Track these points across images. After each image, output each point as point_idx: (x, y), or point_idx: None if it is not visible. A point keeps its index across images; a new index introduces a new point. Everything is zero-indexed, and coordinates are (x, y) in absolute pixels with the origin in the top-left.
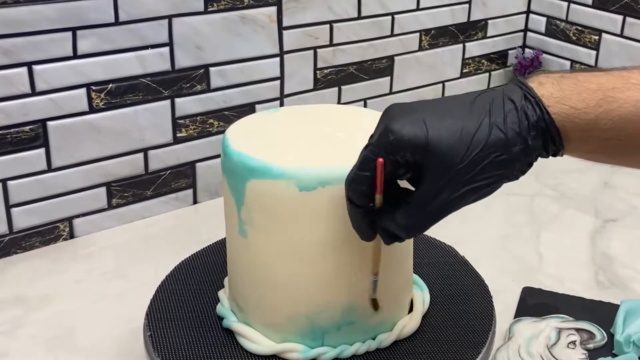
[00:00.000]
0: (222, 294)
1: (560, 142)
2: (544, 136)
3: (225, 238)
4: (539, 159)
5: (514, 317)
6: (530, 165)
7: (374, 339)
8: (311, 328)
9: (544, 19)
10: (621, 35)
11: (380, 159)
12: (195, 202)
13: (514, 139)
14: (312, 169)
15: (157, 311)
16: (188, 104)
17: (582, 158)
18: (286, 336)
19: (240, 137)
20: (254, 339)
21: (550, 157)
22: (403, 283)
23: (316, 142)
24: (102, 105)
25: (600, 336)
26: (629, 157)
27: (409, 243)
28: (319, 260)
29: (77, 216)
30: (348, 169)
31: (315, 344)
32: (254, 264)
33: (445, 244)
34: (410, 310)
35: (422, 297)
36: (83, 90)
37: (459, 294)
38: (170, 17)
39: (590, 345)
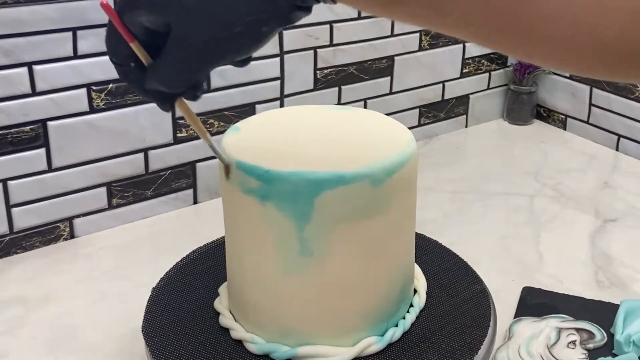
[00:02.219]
0: (219, 305)
1: None
2: None
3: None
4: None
5: (514, 317)
6: (298, 9)
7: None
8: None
9: None
10: None
11: (104, 1)
12: (195, 202)
13: None
14: (381, 162)
15: (157, 311)
16: (188, 104)
17: (357, 8)
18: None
19: (263, 156)
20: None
21: (325, 4)
22: (406, 279)
23: (320, 142)
24: (103, 105)
25: (600, 336)
26: (399, 7)
27: (411, 236)
28: (387, 259)
29: (78, 216)
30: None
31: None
32: (324, 280)
33: (444, 244)
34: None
35: (421, 292)
36: (83, 90)
37: (459, 294)
38: None
39: (590, 345)
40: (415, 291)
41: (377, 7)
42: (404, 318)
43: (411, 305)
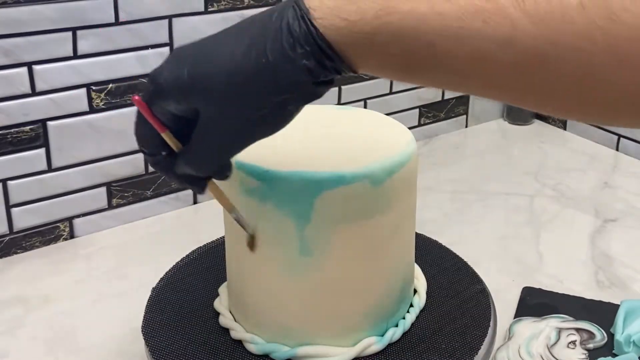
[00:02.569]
0: (219, 305)
1: (339, 58)
2: (316, 53)
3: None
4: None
5: (514, 317)
6: (322, 84)
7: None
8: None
9: None
10: None
11: (136, 96)
12: (195, 202)
13: (280, 61)
14: (381, 162)
15: (156, 311)
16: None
17: (379, 75)
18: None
19: (263, 156)
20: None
21: (350, 74)
22: (406, 279)
23: (320, 142)
24: (102, 105)
25: (600, 336)
26: (423, 75)
27: (411, 236)
28: (387, 259)
29: (77, 216)
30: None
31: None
32: (324, 280)
33: (444, 244)
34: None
35: (421, 292)
36: (83, 90)
37: (459, 294)
38: (170, 17)
39: (590, 345)
40: (415, 291)
41: (399, 74)
42: (404, 318)
43: (411, 305)
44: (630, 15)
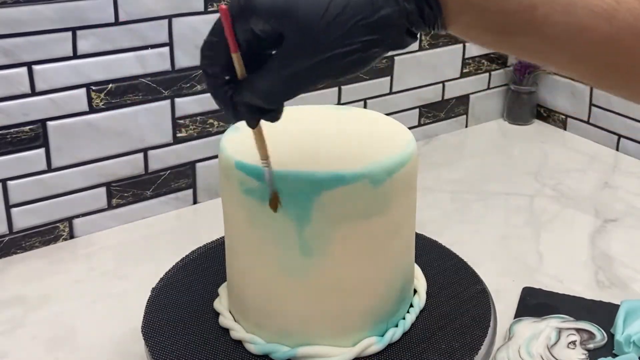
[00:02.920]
0: (219, 305)
1: (438, 7)
2: None
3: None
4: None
5: (514, 317)
6: (411, 35)
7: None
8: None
9: None
10: None
11: (223, 5)
12: (195, 202)
13: (383, 1)
14: (381, 162)
15: (156, 310)
16: (188, 104)
17: (467, 39)
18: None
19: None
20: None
21: (431, 32)
22: (406, 279)
23: (320, 142)
24: (102, 105)
25: (600, 336)
26: (515, 40)
27: (411, 236)
28: (387, 259)
29: (77, 216)
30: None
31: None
32: (324, 280)
33: (444, 244)
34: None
35: (421, 292)
36: (83, 90)
37: (459, 294)
38: (170, 17)
39: (590, 345)
40: (415, 291)
41: (489, 38)
42: (404, 318)
43: (411, 306)
44: None
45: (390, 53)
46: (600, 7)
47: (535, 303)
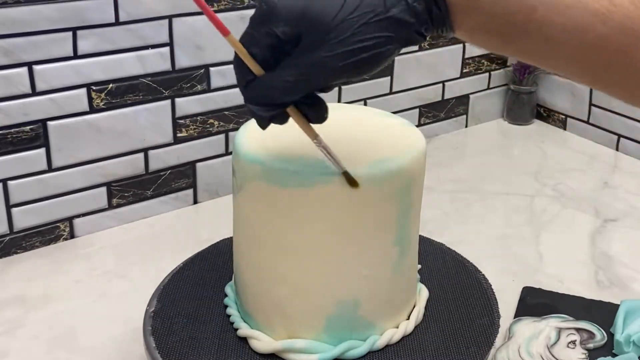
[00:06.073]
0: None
1: (446, 9)
2: (428, 0)
3: (221, 239)
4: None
5: (514, 317)
6: (420, 35)
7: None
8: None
9: None
10: None
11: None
12: (195, 202)
13: (392, 0)
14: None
15: (157, 311)
16: (188, 104)
17: (473, 42)
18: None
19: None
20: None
21: (441, 34)
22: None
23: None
24: (103, 105)
25: (600, 336)
26: (517, 40)
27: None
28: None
29: (77, 216)
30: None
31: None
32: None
33: (444, 244)
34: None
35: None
36: (83, 90)
37: (459, 294)
38: (170, 17)
39: (590, 345)
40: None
41: (495, 39)
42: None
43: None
44: None
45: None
46: (595, 8)
47: (535, 303)
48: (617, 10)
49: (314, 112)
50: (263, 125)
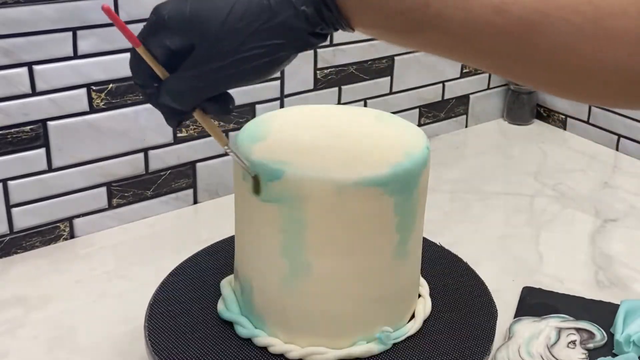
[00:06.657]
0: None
1: (336, 9)
2: (316, 2)
3: (223, 239)
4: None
5: (514, 317)
6: (318, 36)
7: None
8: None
9: None
10: None
11: (105, 5)
12: (195, 202)
13: (279, 6)
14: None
15: (157, 311)
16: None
17: (377, 38)
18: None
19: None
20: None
21: (344, 31)
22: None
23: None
24: (103, 105)
25: (600, 336)
26: (417, 36)
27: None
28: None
29: (77, 216)
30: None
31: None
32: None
33: (444, 245)
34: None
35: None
36: (83, 90)
37: (459, 295)
38: None
39: (590, 345)
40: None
41: (394, 35)
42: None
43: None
44: None
45: (389, 53)
46: (490, 0)
47: (535, 303)
48: (512, 2)
49: (218, 107)
50: (172, 125)
